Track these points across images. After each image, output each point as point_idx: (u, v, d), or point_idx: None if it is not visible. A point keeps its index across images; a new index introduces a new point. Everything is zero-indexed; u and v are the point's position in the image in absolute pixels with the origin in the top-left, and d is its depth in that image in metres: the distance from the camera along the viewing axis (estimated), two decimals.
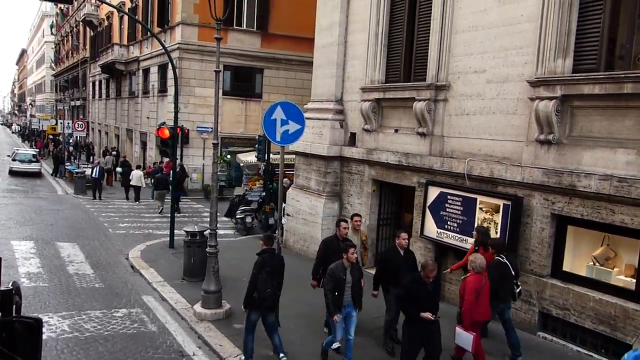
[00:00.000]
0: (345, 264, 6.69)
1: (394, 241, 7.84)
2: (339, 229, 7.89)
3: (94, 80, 43.84)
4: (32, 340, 2.47)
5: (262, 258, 6.93)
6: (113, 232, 15.37)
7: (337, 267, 6.70)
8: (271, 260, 7.01)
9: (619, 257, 7.81)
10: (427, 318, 6.08)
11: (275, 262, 7.12)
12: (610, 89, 7.12)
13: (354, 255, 6.71)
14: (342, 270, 6.66)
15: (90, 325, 8.11)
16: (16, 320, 2.45)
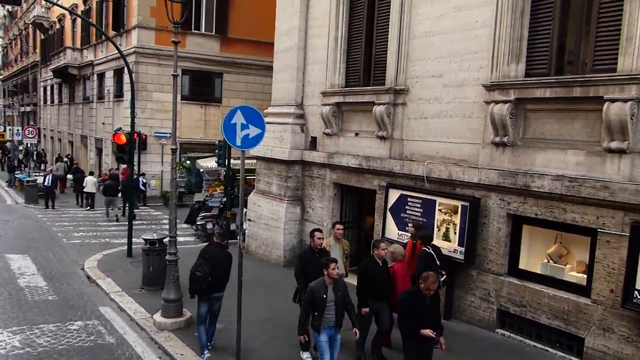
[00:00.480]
0: (326, 281, 6.19)
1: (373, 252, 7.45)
2: (313, 239, 7.44)
3: (45, 85, 42.29)
4: None
5: (205, 247, 7.50)
6: (67, 242, 14.83)
7: (317, 285, 6.21)
8: (212, 251, 7.36)
9: (571, 254, 8.12)
10: (427, 335, 5.63)
11: (218, 255, 7.33)
12: (560, 92, 7.42)
13: (335, 271, 6.19)
14: (322, 289, 6.16)
15: (44, 340, 7.79)
16: None
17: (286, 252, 12.50)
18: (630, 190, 6.71)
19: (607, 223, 7.08)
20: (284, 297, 10.01)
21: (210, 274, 7.11)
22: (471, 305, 8.86)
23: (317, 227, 8.63)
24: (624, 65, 6.73)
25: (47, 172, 21.78)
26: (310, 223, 12.43)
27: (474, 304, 8.83)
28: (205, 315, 7.27)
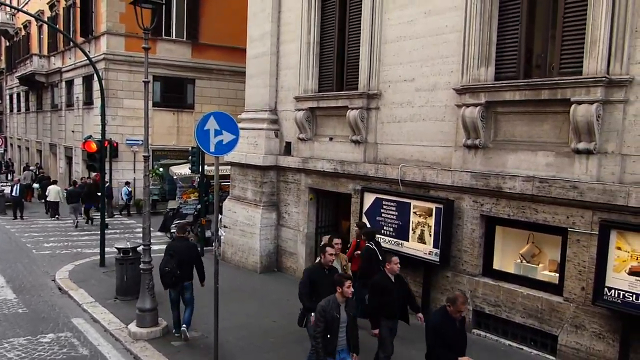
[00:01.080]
0: (339, 300, 5.68)
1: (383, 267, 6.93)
2: (324, 255, 6.85)
3: (11, 92, 41.19)
4: None
5: (169, 243, 8.32)
6: (37, 252, 14.45)
7: (329, 304, 5.64)
8: (176, 246, 8.18)
9: (543, 253, 8.29)
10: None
11: (182, 249, 8.12)
12: (529, 95, 7.59)
13: (350, 290, 5.68)
14: (335, 308, 5.62)
15: (14, 354, 7.56)
16: None
17: (262, 258, 12.43)
18: (598, 190, 6.90)
19: (577, 222, 7.26)
20: (261, 303, 9.99)
21: (178, 268, 7.96)
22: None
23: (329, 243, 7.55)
24: (589, 68, 6.93)
25: (15, 182, 21.18)
26: (287, 228, 12.40)
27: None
28: (177, 300, 8.20)
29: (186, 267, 8.06)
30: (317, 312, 5.69)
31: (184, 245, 8.28)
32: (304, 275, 7.03)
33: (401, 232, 9.41)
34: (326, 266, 6.82)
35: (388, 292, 6.63)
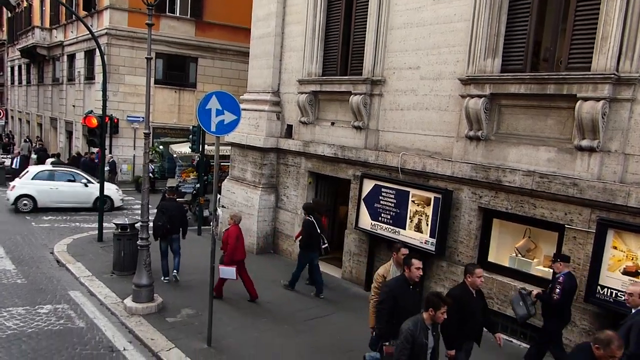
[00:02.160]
0: (427, 323, 4.89)
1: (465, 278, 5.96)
2: (410, 269, 5.76)
3: (12, 65, 40.89)
4: None
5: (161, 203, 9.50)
6: (36, 225, 14.48)
7: (416, 326, 4.83)
8: (167, 205, 9.73)
9: (538, 248, 8.33)
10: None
11: (171, 207, 9.81)
12: (534, 89, 7.55)
13: (444, 316, 4.85)
14: (424, 332, 4.85)
15: (12, 323, 7.63)
16: None
17: (259, 239, 12.48)
18: (598, 188, 6.91)
19: (574, 219, 7.28)
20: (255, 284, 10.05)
21: (168, 222, 9.49)
22: None
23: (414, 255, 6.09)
24: (598, 64, 6.88)
25: (15, 155, 21.18)
26: (285, 211, 12.43)
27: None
28: (166, 250, 9.52)
29: (175, 222, 9.66)
30: (403, 335, 4.80)
31: (173, 204, 10.13)
32: (383, 290, 5.86)
33: (398, 220, 9.44)
34: (411, 281, 5.84)
35: (470, 309, 5.77)
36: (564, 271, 6.68)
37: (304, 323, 8.25)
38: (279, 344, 7.37)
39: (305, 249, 9.61)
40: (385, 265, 6.51)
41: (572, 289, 6.66)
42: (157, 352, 6.91)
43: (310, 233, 9.53)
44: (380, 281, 6.25)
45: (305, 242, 9.60)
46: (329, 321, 8.42)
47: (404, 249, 6.38)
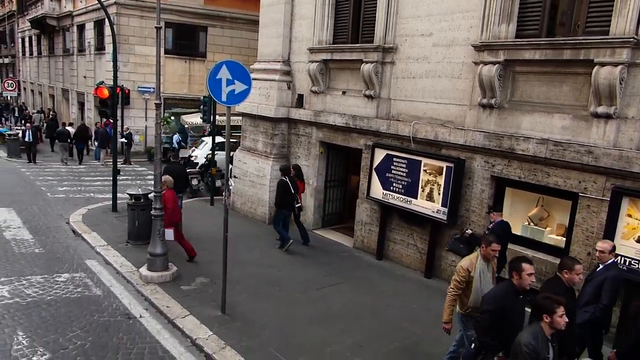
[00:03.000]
0: (546, 332, 4.19)
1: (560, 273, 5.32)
2: (521, 275, 4.84)
3: (23, 36, 40.81)
4: None
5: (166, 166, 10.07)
6: (52, 196, 14.70)
7: (535, 336, 4.13)
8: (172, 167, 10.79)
9: (551, 217, 8.29)
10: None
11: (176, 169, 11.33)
12: (550, 54, 7.37)
13: (564, 319, 4.14)
14: (544, 344, 4.14)
15: (32, 291, 7.83)
16: None
17: (271, 209, 12.54)
18: (614, 156, 6.80)
19: (588, 187, 7.20)
20: (268, 254, 10.19)
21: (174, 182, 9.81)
22: (452, 264, 9.06)
23: (523, 257, 5.65)
24: (617, 28, 6.68)
25: (28, 127, 21.21)
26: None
27: (454, 263, 9.01)
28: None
29: (179, 183, 10.60)
30: (525, 352, 4.05)
31: (177, 167, 11.92)
32: (487, 299, 4.98)
33: (410, 189, 9.42)
34: (521, 289, 4.90)
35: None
36: (497, 219, 7.68)
37: (316, 291, 8.36)
38: (292, 312, 7.50)
39: (279, 207, 10.46)
40: (470, 258, 5.65)
41: (504, 233, 7.52)
42: (173, 319, 7.07)
43: (284, 192, 10.33)
44: (463, 275, 5.46)
45: (279, 200, 10.43)
46: (341, 289, 8.53)
47: (495, 244, 5.48)
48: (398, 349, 6.60)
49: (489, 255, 5.50)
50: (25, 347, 6.15)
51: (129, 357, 6.09)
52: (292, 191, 10.45)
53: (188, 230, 11.49)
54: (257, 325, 6.99)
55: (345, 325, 7.13)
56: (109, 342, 6.43)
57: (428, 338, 6.91)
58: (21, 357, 5.91)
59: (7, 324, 6.70)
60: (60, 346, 6.22)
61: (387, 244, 10.21)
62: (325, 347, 6.43)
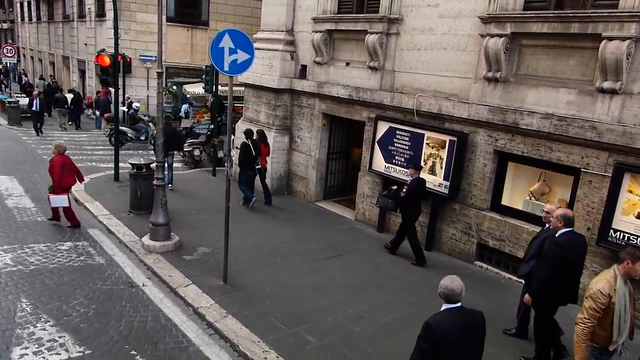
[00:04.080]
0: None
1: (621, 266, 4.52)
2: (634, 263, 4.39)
3: (21, 0, 40.18)
4: None
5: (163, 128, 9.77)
6: None
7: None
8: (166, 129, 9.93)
9: (553, 192, 8.29)
10: None
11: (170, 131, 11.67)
12: (558, 28, 7.25)
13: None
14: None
15: (35, 259, 7.92)
16: None
17: (273, 180, 12.57)
18: (618, 132, 6.76)
19: (591, 163, 7.18)
20: (270, 224, 10.26)
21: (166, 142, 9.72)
22: (452, 237, 9.12)
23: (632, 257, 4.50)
24: (626, 1, 6.55)
25: (34, 96, 20.56)
26: (299, 153, 12.44)
27: (455, 236, 9.09)
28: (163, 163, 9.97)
29: (171, 142, 11.63)
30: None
31: (170, 128, 12.33)
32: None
33: (412, 162, 9.39)
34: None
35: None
36: (414, 176, 8.58)
37: (317, 262, 8.45)
38: (294, 282, 7.59)
39: (242, 167, 11.31)
40: (607, 278, 4.48)
41: (417, 189, 8.54)
42: (175, 288, 7.16)
43: (246, 153, 11.15)
44: (603, 302, 4.37)
45: (241, 161, 11.25)
46: (342, 260, 8.61)
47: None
48: (398, 319, 6.70)
49: (635, 273, 4.42)
50: (29, 313, 6.25)
51: (131, 325, 6.19)
52: (254, 153, 11.15)
53: (190, 200, 11.57)
54: (259, 295, 7.08)
55: (346, 296, 7.23)
56: (112, 309, 6.53)
57: (426, 309, 7.00)
58: (25, 324, 6.01)
59: (11, 291, 6.79)
60: (63, 313, 6.33)
61: (388, 216, 10.26)
62: (326, 317, 6.54)
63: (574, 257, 5.46)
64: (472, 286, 7.91)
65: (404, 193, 8.55)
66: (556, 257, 5.36)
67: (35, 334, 5.81)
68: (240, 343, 5.85)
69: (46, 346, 5.60)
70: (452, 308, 3.66)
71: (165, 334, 6.08)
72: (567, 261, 5.38)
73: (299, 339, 6.02)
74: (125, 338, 5.90)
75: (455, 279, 3.70)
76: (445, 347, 3.53)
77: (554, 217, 5.58)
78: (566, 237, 5.43)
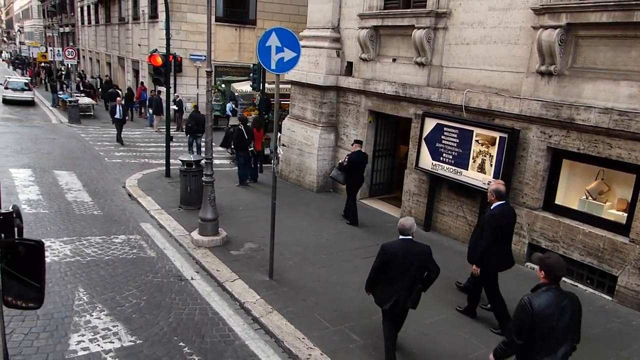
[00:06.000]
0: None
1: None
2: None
3: (82, 5, 42.11)
4: (35, 262, 2.51)
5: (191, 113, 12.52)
6: (109, 161, 15.34)
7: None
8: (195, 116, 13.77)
9: (612, 191, 7.88)
10: None
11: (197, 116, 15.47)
12: (618, 17, 6.87)
13: None
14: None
15: (91, 250, 8.27)
16: (19, 242, 2.49)
17: (319, 178, 12.60)
18: None
19: None
20: (315, 221, 10.29)
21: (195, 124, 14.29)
22: None
23: None
24: None
25: (117, 103, 18.76)
26: (344, 150, 12.40)
27: None
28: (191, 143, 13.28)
29: (198, 125, 14.77)
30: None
31: (199, 115, 15.43)
32: None
33: (460, 160, 9.19)
34: None
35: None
36: (357, 149, 9.93)
37: (362, 260, 8.39)
38: (339, 280, 7.57)
39: (237, 150, 12.69)
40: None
41: (357, 159, 9.89)
42: (222, 282, 7.30)
43: (238, 137, 12.45)
44: None
45: (235, 144, 12.64)
46: None
47: None
48: (442, 320, 6.56)
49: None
50: (85, 302, 6.53)
51: (180, 317, 6.36)
52: (246, 137, 12.45)
53: (237, 197, 11.77)
54: (304, 291, 7.11)
55: None
56: (162, 301, 6.73)
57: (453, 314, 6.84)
58: (82, 312, 6.28)
59: (70, 281, 7.12)
60: (117, 303, 6.57)
61: (435, 215, 10.07)
62: (370, 315, 6.48)
63: (507, 226, 6.24)
64: (522, 288, 7.67)
65: (345, 163, 9.95)
66: (492, 227, 6.08)
67: (91, 323, 6.06)
68: (285, 339, 5.89)
69: (101, 334, 5.83)
70: (403, 238, 5.14)
71: (212, 327, 6.21)
72: (502, 230, 6.16)
73: (343, 337, 6.00)
74: (174, 330, 6.06)
75: (408, 219, 5.27)
76: (392, 265, 5.06)
77: (489, 192, 6.32)
78: (500, 209, 6.18)
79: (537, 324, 3.72)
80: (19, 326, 5.82)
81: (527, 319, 3.75)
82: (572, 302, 3.90)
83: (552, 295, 3.83)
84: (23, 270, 2.51)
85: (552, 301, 3.79)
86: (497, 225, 6.12)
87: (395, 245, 5.12)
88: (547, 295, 3.84)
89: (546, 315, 3.73)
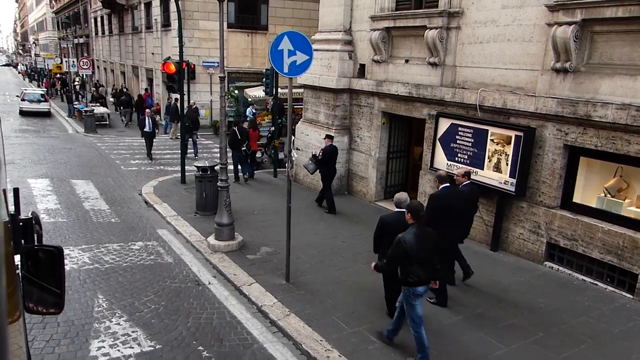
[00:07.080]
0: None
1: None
2: None
3: (95, 16, 42.72)
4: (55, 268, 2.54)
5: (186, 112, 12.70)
6: (125, 169, 15.51)
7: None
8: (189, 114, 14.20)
9: (631, 188, 7.76)
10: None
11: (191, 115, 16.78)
12: (635, 11, 6.77)
13: None
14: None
15: (109, 258, 8.36)
16: (38, 248, 2.52)
17: (334, 181, 12.58)
18: None
19: None
20: (331, 224, 10.27)
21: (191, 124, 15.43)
22: (520, 237, 8.76)
23: None
24: None
25: (147, 114, 17.34)
26: (358, 152, 12.39)
27: (522, 236, 8.72)
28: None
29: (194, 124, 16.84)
30: None
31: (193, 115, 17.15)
32: None
33: (476, 160, 9.12)
34: None
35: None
36: (329, 144, 10.89)
37: None
38: (356, 281, 7.55)
39: (231, 150, 13.13)
40: None
41: (330, 153, 10.86)
42: (239, 286, 7.32)
43: (232, 138, 13.01)
44: None
45: (230, 144, 12.61)
46: None
47: None
48: (461, 320, 6.50)
49: None
50: (105, 309, 6.60)
51: (198, 322, 6.39)
52: (239, 137, 13.28)
53: (252, 201, 11.81)
54: (321, 294, 7.10)
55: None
56: (180, 306, 6.76)
57: (493, 310, 6.77)
58: (102, 319, 6.35)
59: (89, 288, 7.20)
60: (136, 309, 6.63)
61: None
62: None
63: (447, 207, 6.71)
64: (541, 289, 7.59)
65: (320, 155, 10.82)
66: (429, 207, 6.54)
67: (111, 329, 6.11)
68: (303, 341, 5.89)
69: (121, 340, 5.88)
70: (398, 210, 5.97)
71: (231, 331, 6.22)
72: (445, 208, 6.68)
73: (361, 339, 5.97)
74: (193, 334, 6.09)
75: (402, 194, 6.16)
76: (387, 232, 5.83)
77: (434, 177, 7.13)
78: (441, 192, 6.91)
79: (409, 252, 5.17)
80: (40, 333, 5.90)
81: (401, 249, 5.18)
82: (430, 235, 5.38)
83: (417, 231, 5.26)
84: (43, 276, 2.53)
85: (416, 235, 5.23)
86: (438, 206, 6.71)
87: (390, 216, 6.11)
88: (413, 231, 5.26)
89: (412, 245, 5.17)
